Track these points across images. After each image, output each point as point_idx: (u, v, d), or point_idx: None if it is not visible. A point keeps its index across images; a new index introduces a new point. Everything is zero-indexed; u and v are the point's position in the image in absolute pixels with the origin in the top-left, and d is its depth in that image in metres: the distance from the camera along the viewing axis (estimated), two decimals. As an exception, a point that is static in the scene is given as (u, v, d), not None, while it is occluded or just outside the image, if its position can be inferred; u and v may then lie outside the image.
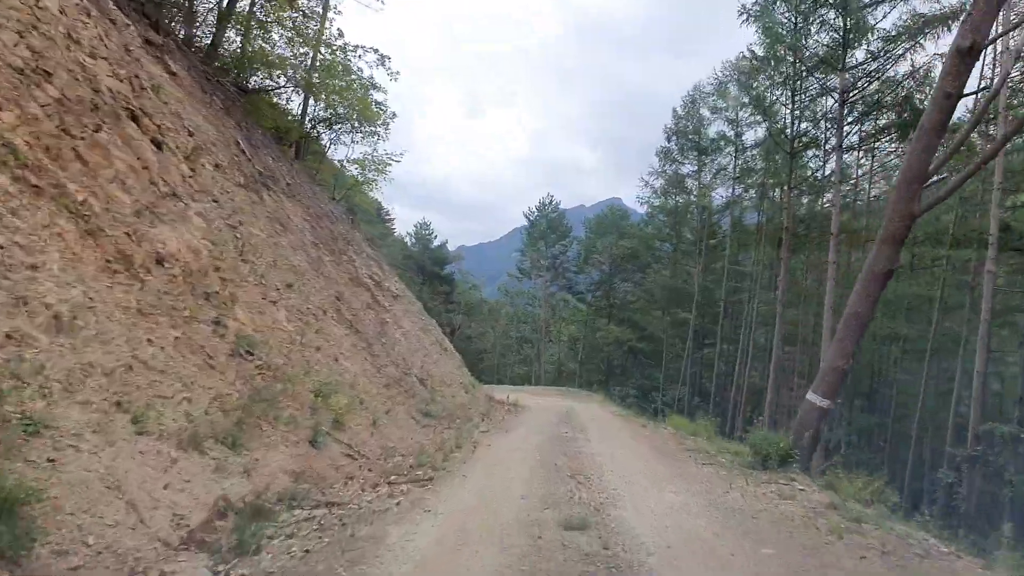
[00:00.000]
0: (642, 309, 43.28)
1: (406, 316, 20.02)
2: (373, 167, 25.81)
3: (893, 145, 23.97)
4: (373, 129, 23.61)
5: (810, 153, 26.62)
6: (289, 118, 22.00)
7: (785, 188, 24.81)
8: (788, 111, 24.16)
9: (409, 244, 52.28)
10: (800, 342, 27.71)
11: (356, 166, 26.11)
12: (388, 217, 59.33)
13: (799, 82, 23.53)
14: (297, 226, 14.03)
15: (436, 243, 51.59)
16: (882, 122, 22.16)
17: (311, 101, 21.76)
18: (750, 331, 28.00)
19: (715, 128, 33.92)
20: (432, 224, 51.91)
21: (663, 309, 40.73)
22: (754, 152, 32.12)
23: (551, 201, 46.60)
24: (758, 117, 30.29)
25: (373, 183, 27.01)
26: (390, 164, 25.58)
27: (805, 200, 28.74)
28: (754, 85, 27.58)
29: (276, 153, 17.41)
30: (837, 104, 20.29)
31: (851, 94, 20.30)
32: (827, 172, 27.50)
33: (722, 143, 33.13)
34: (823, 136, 26.05)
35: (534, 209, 47.10)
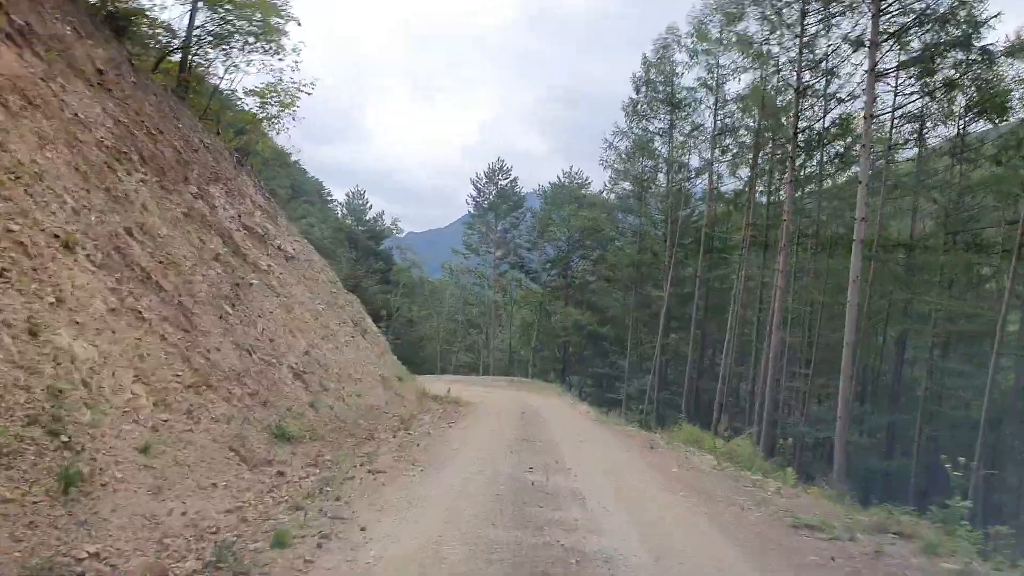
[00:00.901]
0: (602, 290, 38.74)
1: (301, 284, 14.57)
2: (275, 99, 20.02)
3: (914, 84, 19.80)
4: (276, 45, 17.83)
5: (805, 104, 22.40)
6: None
7: (791, 132, 20.38)
8: (795, 41, 19.64)
9: (340, 215, 46.15)
10: (793, 325, 23.54)
11: (255, 97, 20.26)
12: (329, 197, 53.17)
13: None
14: (80, 117, 8.36)
15: (371, 215, 45.57)
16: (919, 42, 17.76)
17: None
18: (735, 310, 23.62)
19: (693, 75, 29.25)
20: (366, 193, 45.84)
21: (627, 288, 36.29)
22: (738, 107, 27.72)
23: (502, 166, 41.05)
24: (745, 62, 25.91)
25: (276, 120, 21.25)
26: (298, 96, 19.90)
27: (799, 160, 24.51)
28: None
29: (95, 35, 11.60)
30: (870, 17, 15.85)
31: (888, 4, 15.87)
32: (826, 124, 23.42)
33: (700, 92, 28.49)
34: (825, 79, 21.87)
35: (482, 175, 41.45)
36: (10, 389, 4.02)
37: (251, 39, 17.49)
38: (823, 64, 20.66)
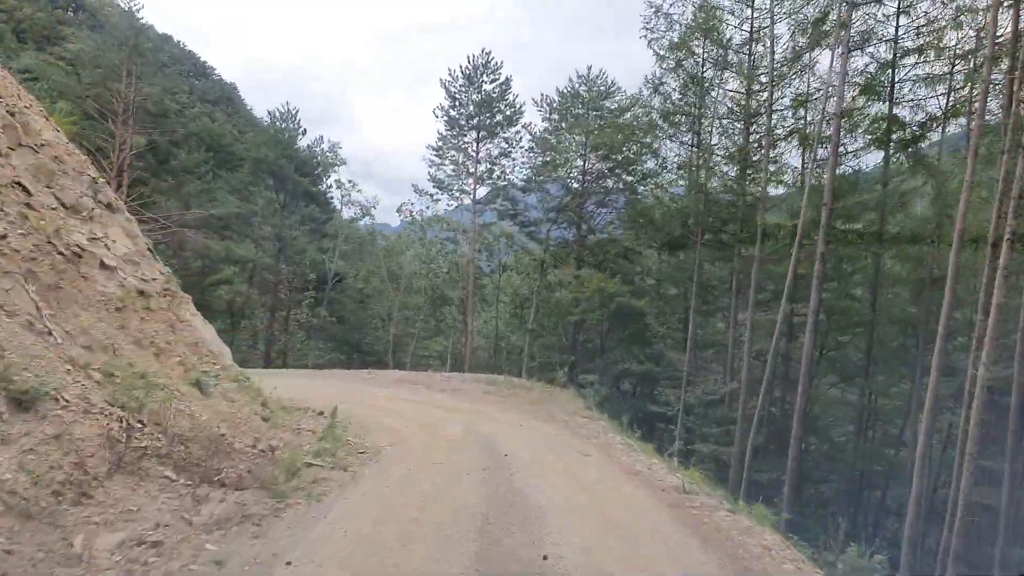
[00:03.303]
0: (632, 251, 26.19)
1: None
2: None
3: None
4: None
5: None
6: None
7: None
8: None
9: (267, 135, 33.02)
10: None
11: None
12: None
13: None
14: None
15: (304, 142, 32.59)
16: None
17: None
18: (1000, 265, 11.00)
19: None
20: (299, 112, 32.69)
21: (675, 246, 23.88)
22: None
23: (487, 62, 27.77)
24: None
25: None
26: None
27: None
28: None
29: None
30: None
31: None
32: None
33: None
34: None
35: (458, 74, 27.41)
36: None
37: None
38: None
